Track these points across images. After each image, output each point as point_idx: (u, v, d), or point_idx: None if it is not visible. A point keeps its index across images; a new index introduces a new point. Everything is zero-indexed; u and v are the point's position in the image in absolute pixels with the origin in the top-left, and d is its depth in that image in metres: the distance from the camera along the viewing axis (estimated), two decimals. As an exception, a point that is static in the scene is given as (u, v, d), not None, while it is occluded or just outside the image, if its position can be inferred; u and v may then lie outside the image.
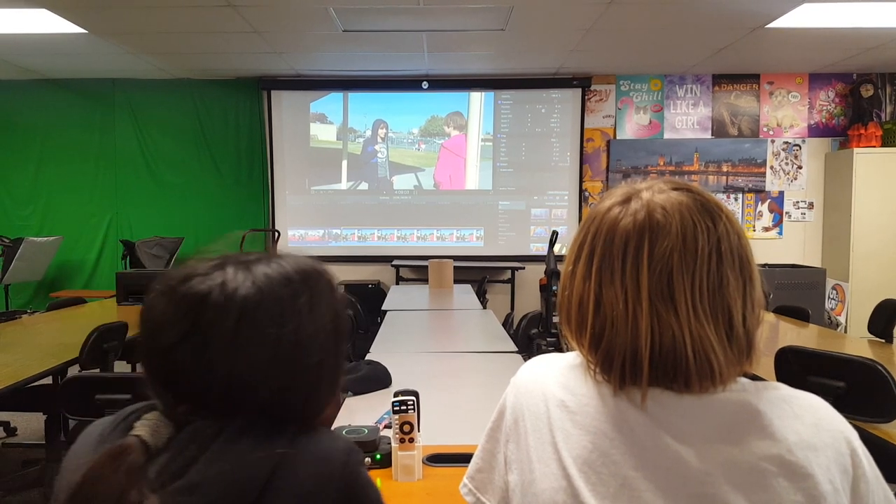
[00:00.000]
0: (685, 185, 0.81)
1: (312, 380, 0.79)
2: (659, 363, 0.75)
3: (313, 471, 0.72)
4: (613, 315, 0.77)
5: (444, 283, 5.00)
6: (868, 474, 0.75)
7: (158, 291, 0.77)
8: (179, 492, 0.67)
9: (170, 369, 0.75)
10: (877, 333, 3.36)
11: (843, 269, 6.18)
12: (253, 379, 0.74)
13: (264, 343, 0.74)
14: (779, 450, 0.72)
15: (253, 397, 0.74)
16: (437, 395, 2.20)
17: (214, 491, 0.67)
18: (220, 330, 0.73)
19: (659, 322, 0.75)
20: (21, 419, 4.26)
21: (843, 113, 6.54)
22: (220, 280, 0.75)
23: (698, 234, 0.76)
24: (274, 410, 0.75)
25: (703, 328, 0.74)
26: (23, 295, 6.67)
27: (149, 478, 0.67)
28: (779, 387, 0.79)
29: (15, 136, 6.68)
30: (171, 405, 0.75)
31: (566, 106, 6.63)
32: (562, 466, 0.77)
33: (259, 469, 0.69)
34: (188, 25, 4.81)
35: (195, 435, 0.71)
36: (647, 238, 0.77)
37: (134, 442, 0.69)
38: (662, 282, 0.75)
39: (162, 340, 0.74)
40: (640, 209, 0.78)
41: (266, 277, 0.77)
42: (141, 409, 0.77)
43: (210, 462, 0.68)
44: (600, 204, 0.84)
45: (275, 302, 0.75)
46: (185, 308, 0.74)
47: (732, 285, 0.76)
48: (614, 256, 0.78)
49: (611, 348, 0.77)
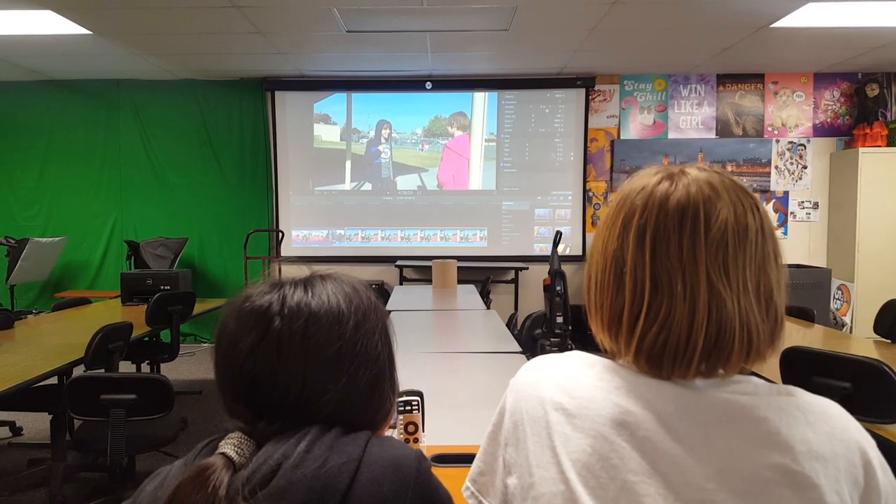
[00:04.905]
0: (718, 170, 0.82)
1: (373, 381, 0.83)
2: (710, 340, 0.74)
3: (390, 477, 0.75)
4: (672, 290, 0.75)
5: (448, 284, 4.99)
6: (882, 486, 0.73)
7: (227, 315, 0.83)
8: (268, 498, 0.70)
9: (247, 381, 0.79)
10: (882, 334, 3.34)
11: (849, 270, 6.16)
12: (322, 381, 0.78)
13: (330, 343, 0.79)
14: (783, 459, 0.71)
15: (324, 403, 0.78)
16: (442, 395, 2.20)
17: (301, 495, 0.70)
18: (289, 335, 0.78)
19: (717, 298, 0.74)
20: (26, 419, 4.28)
21: (848, 112, 6.52)
22: (280, 294, 0.82)
23: (747, 212, 0.77)
24: (342, 417, 0.79)
25: (751, 304, 0.75)
26: (28, 295, 6.70)
27: (237, 488, 0.70)
28: (794, 392, 0.77)
29: (20, 137, 6.70)
30: (251, 422, 0.78)
31: (570, 106, 6.62)
32: (560, 471, 0.76)
33: (340, 475, 0.72)
34: (192, 26, 4.82)
35: (277, 444, 0.74)
36: (702, 211, 0.76)
37: (219, 459, 0.73)
38: (718, 256, 0.75)
39: (238, 352, 0.79)
40: (690, 183, 0.78)
41: (322, 288, 0.83)
42: (221, 435, 0.80)
43: (294, 468, 0.71)
44: (635, 181, 0.82)
45: (334, 306, 0.82)
46: (254, 319, 0.80)
47: (772, 263, 0.78)
48: (670, 229, 0.76)
49: (666, 326, 0.75)
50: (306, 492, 0.70)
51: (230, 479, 0.71)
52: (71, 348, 3.10)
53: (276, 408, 0.78)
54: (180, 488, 0.70)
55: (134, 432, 2.59)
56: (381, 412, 0.86)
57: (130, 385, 2.52)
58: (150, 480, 0.81)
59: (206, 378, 5.46)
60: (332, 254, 6.71)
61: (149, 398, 2.51)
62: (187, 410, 4.50)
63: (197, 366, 5.92)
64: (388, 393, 0.86)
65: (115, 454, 2.49)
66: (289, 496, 0.70)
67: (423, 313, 4.04)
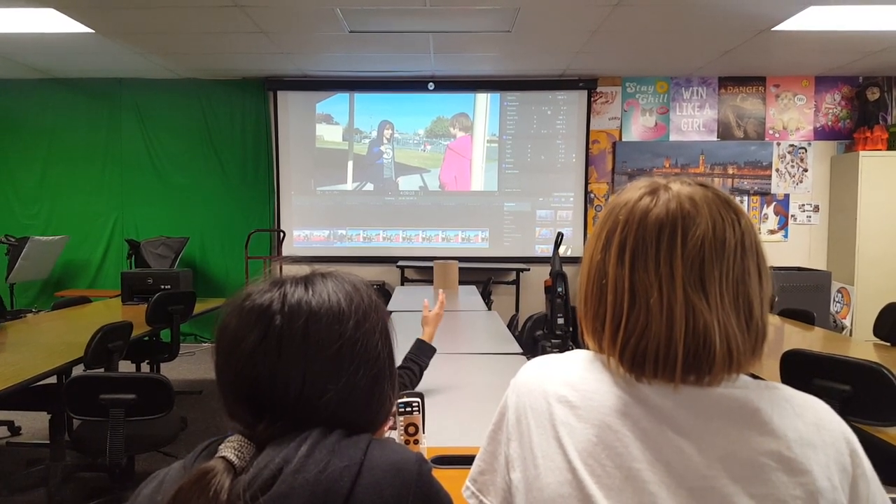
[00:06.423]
0: (706, 183, 0.84)
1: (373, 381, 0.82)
2: (689, 351, 0.77)
3: (391, 481, 0.75)
4: (649, 302, 0.78)
5: (449, 284, 4.99)
6: (868, 475, 0.77)
7: (227, 313, 0.82)
8: (270, 503, 0.70)
9: (247, 381, 0.78)
10: (882, 337, 3.34)
11: (849, 272, 6.16)
12: (322, 380, 0.78)
13: (330, 342, 0.79)
14: (778, 446, 0.74)
15: (324, 404, 0.78)
16: (442, 396, 2.20)
17: (303, 500, 0.70)
18: (290, 333, 0.78)
19: (693, 310, 0.76)
20: (25, 418, 4.27)
21: (848, 116, 6.52)
22: (281, 293, 0.81)
23: (726, 226, 0.79)
24: (343, 419, 0.79)
25: (729, 317, 0.77)
26: (28, 294, 6.70)
27: (239, 493, 0.70)
28: (779, 387, 0.81)
29: (21, 136, 6.71)
30: (251, 425, 0.78)
31: (572, 108, 6.63)
32: (566, 459, 0.78)
33: (341, 479, 0.72)
34: (195, 26, 4.82)
35: (278, 448, 0.74)
36: (680, 226, 0.78)
37: (220, 463, 0.73)
38: (695, 270, 0.77)
39: (240, 350, 0.78)
40: (671, 199, 0.80)
41: (322, 286, 0.83)
42: (220, 437, 0.80)
43: (296, 472, 0.71)
44: (622, 195, 0.85)
45: (334, 305, 0.81)
46: (255, 318, 0.79)
47: (753, 278, 0.79)
48: (648, 243, 0.79)
49: (645, 337, 0.78)
50: (308, 496, 0.70)
51: (231, 483, 0.71)
52: (70, 347, 3.09)
53: (277, 408, 0.78)
54: (180, 492, 0.70)
55: (133, 432, 2.59)
56: (381, 413, 0.85)
57: (130, 385, 2.51)
58: (147, 484, 0.81)
59: (206, 378, 5.46)
60: (334, 254, 6.71)
61: (148, 398, 2.50)
62: (187, 410, 4.50)
63: (197, 366, 5.92)
64: (388, 393, 0.86)
65: (115, 454, 2.49)
66: (290, 501, 0.70)
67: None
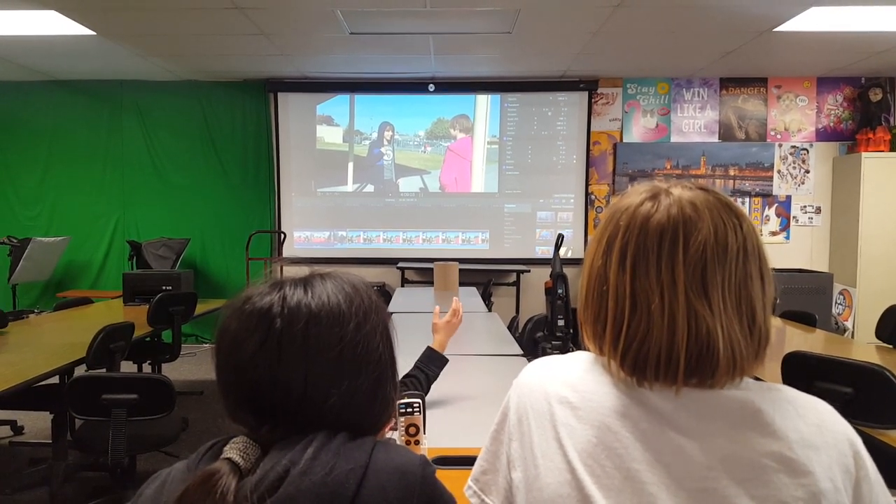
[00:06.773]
0: (707, 187, 0.83)
1: (375, 384, 0.82)
2: (692, 357, 0.76)
3: (396, 484, 0.75)
4: (650, 308, 0.77)
5: (450, 286, 4.99)
6: (871, 476, 0.77)
7: (227, 316, 0.82)
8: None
9: (250, 384, 0.78)
10: (884, 339, 3.34)
11: (851, 274, 6.15)
12: (324, 383, 0.78)
13: (331, 345, 0.78)
14: (779, 447, 0.74)
15: (327, 407, 0.78)
16: (443, 397, 2.20)
17: (309, 502, 0.70)
18: (290, 337, 0.77)
19: (696, 316, 0.76)
20: (28, 418, 4.28)
21: (851, 117, 6.51)
22: (280, 295, 0.81)
23: (728, 231, 0.78)
24: (346, 421, 0.79)
25: (732, 322, 0.77)
26: (30, 295, 6.71)
27: (245, 495, 0.70)
28: (782, 388, 0.81)
29: (23, 137, 6.71)
30: (254, 427, 0.78)
31: (573, 109, 6.63)
32: (566, 460, 0.78)
33: (347, 482, 0.72)
34: (196, 28, 4.83)
35: (284, 450, 0.74)
36: (681, 232, 0.78)
37: (225, 465, 0.73)
38: (696, 275, 0.77)
39: (241, 354, 0.78)
40: (672, 204, 0.80)
41: (322, 288, 0.82)
42: (224, 438, 0.79)
43: (303, 475, 0.71)
44: (623, 200, 0.85)
45: (334, 306, 0.81)
46: (256, 320, 0.79)
47: (756, 282, 0.79)
48: (649, 249, 0.79)
49: (646, 342, 0.78)
50: (314, 499, 0.70)
51: (237, 485, 0.71)
52: (72, 348, 3.10)
53: (279, 411, 0.78)
54: (187, 494, 0.70)
55: (135, 432, 2.59)
56: (384, 415, 0.86)
57: (132, 385, 2.52)
58: (150, 483, 0.81)
59: (207, 378, 5.46)
60: (334, 255, 6.71)
61: (150, 398, 2.51)
62: (188, 411, 4.50)
63: (198, 366, 5.92)
64: (390, 395, 0.86)
65: (117, 454, 2.50)
66: (297, 503, 0.70)
67: (425, 315, 4.02)
